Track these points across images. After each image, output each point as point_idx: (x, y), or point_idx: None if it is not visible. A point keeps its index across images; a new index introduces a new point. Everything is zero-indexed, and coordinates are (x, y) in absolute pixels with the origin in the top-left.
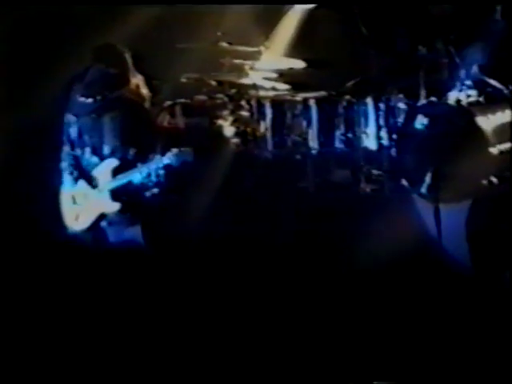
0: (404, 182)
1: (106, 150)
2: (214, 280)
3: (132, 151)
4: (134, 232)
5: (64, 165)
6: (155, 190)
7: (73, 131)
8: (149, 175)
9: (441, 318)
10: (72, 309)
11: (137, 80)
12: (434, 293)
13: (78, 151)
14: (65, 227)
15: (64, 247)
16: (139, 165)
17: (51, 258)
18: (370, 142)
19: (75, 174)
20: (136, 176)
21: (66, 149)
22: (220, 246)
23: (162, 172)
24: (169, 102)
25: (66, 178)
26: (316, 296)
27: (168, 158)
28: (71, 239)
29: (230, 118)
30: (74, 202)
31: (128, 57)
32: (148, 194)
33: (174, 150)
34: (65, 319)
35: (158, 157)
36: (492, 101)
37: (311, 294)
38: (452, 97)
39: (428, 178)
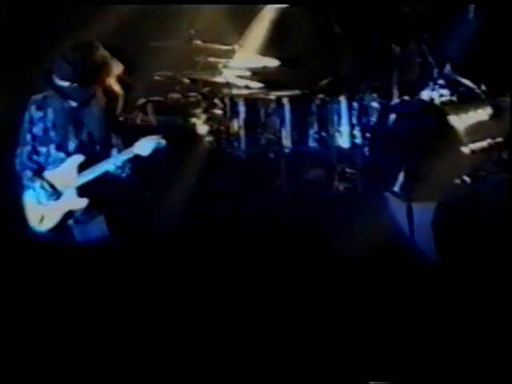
0: (377, 181)
1: (72, 146)
2: (185, 274)
3: (99, 148)
4: (101, 228)
5: (27, 164)
6: (123, 184)
7: (38, 128)
8: (119, 168)
9: (413, 314)
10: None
11: (110, 77)
12: (405, 289)
13: (43, 149)
14: (29, 228)
15: (30, 247)
16: (109, 157)
17: (18, 259)
18: (343, 141)
19: (30, 173)
20: (106, 168)
21: (28, 148)
22: (192, 242)
23: (131, 165)
24: (142, 100)
25: (29, 178)
26: (289, 293)
27: (138, 148)
28: (37, 239)
29: (204, 117)
30: (39, 203)
31: (105, 53)
32: (115, 187)
33: (144, 139)
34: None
35: (126, 148)
36: (465, 100)
37: (283, 292)
38: (425, 96)
39: (401, 177)
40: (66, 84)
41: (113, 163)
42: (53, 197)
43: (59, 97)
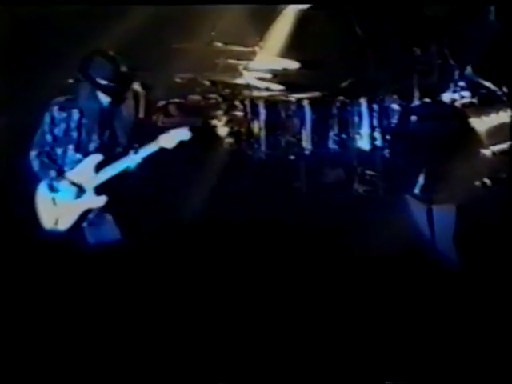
0: (397, 183)
1: (92, 146)
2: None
3: (119, 149)
4: (113, 230)
5: (50, 164)
6: (143, 185)
7: (59, 129)
8: (141, 164)
9: (433, 317)
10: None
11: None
12: (426, 292)
13: (59, 150)
14: (43, 229)
15: (44, 247)
16: (131, 152)
17: (31, 259)
18: (363, 143)
19: (55, 173)
20: (126, 165)
21: (48, 148)
22: (210, 244)
23: (150, 163)
24: (163, 102)
25: (54, 178)
26: (308, 296)
27: (162, 141)
28: (51, 240)
29: (224, 118)
30: (54, 204)
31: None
32: (135, 187)
33: (170, 131)
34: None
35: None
36: (486, 102)
37: (303, 294)
38: (446, 98)
39: (421, 179)
40: (104, 82)
41: (133, 159)
42: (79, 195)
43: (88, 97)
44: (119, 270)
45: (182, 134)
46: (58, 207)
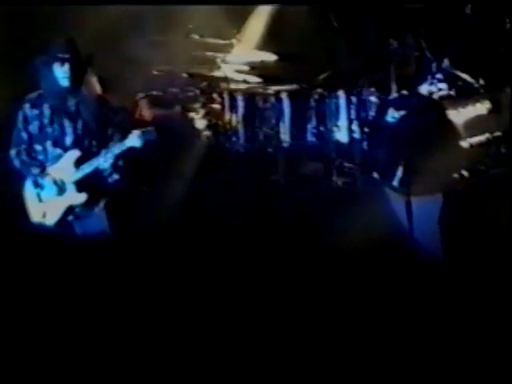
0: (375, 175)
1: (69, 140)
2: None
3: (95, 142)
4: (101, 224)
5: (30, 161)
6: (121, 178)
7: (33, 126)
8: (114, 161)
9: (412, 309)
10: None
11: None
12: (405, 284)
13: (39, 146)
14: (32, 223)
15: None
16: (103, 151)
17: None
18: (341, 135)
19: (37, 170)
20: (100, 163)
21: (25, 146)
22: (189, 236)
23: (126, 158)
24: (141, 95)
25: (38, 174)
26: (285, 289)
27: (130, 140)
28: (39, 233)
29: (202, 111)
30: (40, 200)
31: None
32: (113, 182)
33: (136, 131)
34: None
35: (120, 141)
36: (463, 94)
37: (280, 287)
38: (423, 90)
39: (399, 171)
40: (61, 55)
41: (105, 158)
42: (62, 192)
43: (56, 92)
44: (107, 263)
45: (149, 133)
46: (44, 203)
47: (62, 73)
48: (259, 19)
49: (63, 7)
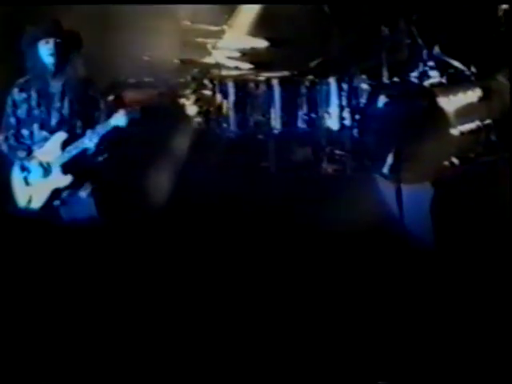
0: (366, 162)
1: (54, 121)
2: (172, 253)
3: (80, 123)
4: (88, 209)
5: (17, 145)
6: (107, 160)
7: (21, 110)
8: (99, 141)
9: (403, 296)
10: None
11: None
12: (394, 271)
13: (26, 131)
14: (18, 207)
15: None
16: (88, 132)
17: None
18: (332, 122)
19: (24, 154)
20: (86, 144)
21: (13, 131)
22: (179, 222)
23: (112, 139)
24: (132, 80)
25: (24, 158)
26: (276, 276)
27: (115, 119)
28: (24, 216)
29: (193, 97)
30: (27, 184)
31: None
32: (99, 164)
33: (120, 111)
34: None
35: (105, 121)
36: (454, 82)
37: (271, 275)
38: (414, 77)
39: (390, 159)
40: (46, 35)
41: (90, 138)
42: (47, 174)
43: (41, 72)
44: (93, 248)
45: (133, 112)
46: (30, 186)
47: (46, 50)
48: (250, 5)
49: None
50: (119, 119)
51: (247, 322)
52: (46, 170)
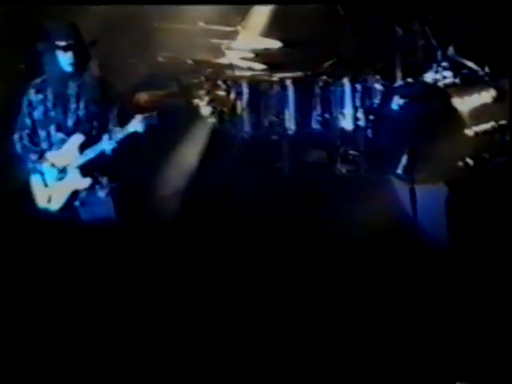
0: (380, 163)
1: (70, 123)
2: (187, 254)
3: (96, 124)
4: (107, 210)
5: (31, 147)
6: (125, 163)
7: (38, 111)
8: (117, 146)
9: (417, 296)
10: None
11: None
12: (410, 271)
13: (43, 132)
14: (38, 208)
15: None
16: (106, 136)
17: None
18: (346, 123)
19: (35, 156)
20: (104, 148)
21: (28, 131)
22: (193, 224)
23: (130, 143)
24: (146, 81)
25: (36, 160)
26: (290, 276)
27: (133, 125)
28: (44, 217)
29: (207, 98)
30: (46, 185)
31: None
32: (117, 166)
33: (138, 116)
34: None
35: (123, 126)
36: (468, 82)
37: (284, 275)
38: (428, 78)
39: (404, 159)
40: (63, 43)
41: (109, 142)
42: (60, 176)
43: (59, 77)
44: (112, 249)
45: (151, 118)
46: (49, 188)
47: (65, 60)
48: (264, 6)
49: None
50: (137, 125)
51: (264, 320)
52: (60, 171)
